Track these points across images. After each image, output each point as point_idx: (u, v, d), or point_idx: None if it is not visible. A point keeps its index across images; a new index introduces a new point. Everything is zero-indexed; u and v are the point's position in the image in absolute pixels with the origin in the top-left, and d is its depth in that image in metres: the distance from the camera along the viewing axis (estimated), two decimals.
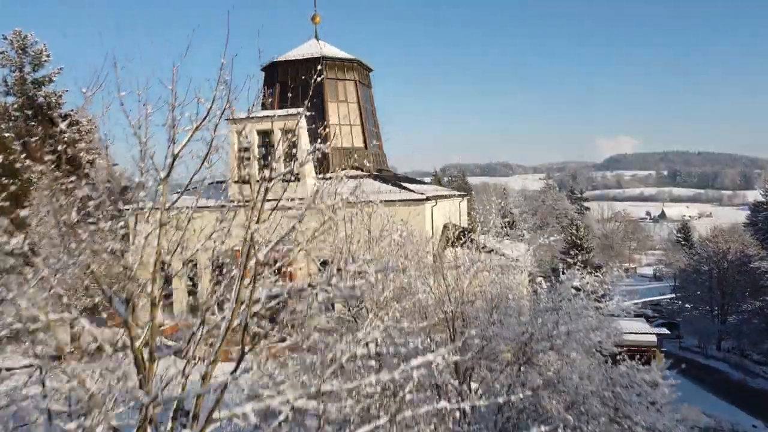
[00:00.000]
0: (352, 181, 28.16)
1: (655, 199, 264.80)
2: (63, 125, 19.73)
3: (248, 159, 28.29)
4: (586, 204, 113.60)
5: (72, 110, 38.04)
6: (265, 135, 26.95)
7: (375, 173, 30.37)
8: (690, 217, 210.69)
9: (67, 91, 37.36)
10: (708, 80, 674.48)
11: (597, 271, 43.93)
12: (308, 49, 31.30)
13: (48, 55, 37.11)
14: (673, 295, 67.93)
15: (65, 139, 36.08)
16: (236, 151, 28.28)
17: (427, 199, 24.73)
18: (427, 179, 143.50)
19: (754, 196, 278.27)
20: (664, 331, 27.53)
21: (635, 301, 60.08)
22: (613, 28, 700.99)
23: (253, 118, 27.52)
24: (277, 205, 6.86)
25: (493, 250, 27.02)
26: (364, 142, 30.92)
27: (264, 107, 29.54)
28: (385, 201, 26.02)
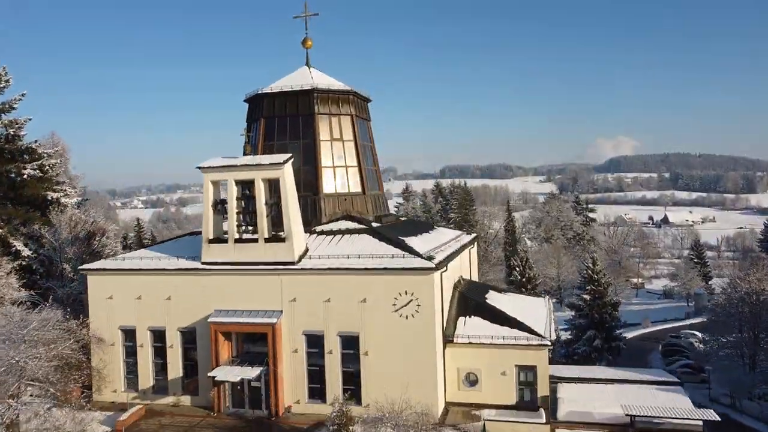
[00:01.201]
0: (348, 239, 24.34)
1: (657, 203, 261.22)
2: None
3: (225, 214, 24.19)
4: (591, 215, 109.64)
5: (35, 142, 34.12)
6: (245, 185, 23.01)
7: (374, 222, 26.52)
8: (693, 222, 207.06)
9: (30, 119, 33.43)
10: (708, 81, 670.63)
11: (615, 310, 38.90)
12: (298, 79, 27.48)
13: (8, 80, 33.21)
14: (692, 322, 64.64)
15: (25, 176, 32.28)
16: (211, 205, 24.41)
17: (437, 267, 20.87)
18: (429, 183, 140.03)
19: (757, 200, 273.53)
20: (713, 415, 23.60)
21: (651, 329, 54.86)
22: (613, 29, 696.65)
23: (230, 166, 23.66)
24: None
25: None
26: (362, 185, 27.14)
27: (245, 153, 25.60)
28: (389, 269, 22.13)
